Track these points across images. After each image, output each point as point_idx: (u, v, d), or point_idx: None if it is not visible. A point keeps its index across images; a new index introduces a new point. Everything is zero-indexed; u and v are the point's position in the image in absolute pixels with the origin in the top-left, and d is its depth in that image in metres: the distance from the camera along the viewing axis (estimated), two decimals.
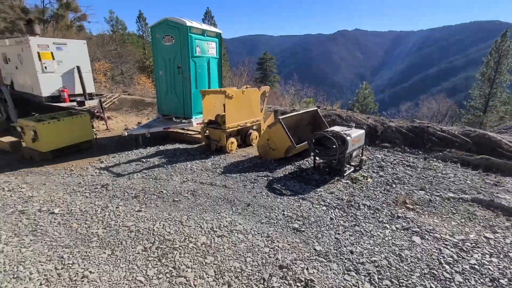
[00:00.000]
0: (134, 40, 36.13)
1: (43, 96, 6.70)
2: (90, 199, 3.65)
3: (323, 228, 3.05)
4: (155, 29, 6.52)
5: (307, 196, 3.79)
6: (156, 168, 4.78)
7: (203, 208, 3.43)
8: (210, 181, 4.24)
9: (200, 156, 5.45)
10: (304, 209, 3.45)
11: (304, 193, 3.89)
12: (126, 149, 5.89)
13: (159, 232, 2.89)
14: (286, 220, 3.20)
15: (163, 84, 6.83)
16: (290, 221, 3.16)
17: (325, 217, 3.28)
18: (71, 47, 7.02)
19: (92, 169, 4.74)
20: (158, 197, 3.73)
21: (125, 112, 10.48)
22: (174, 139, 6.81)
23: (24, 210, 3.36)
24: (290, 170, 4.76)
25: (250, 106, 6.13)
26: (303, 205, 3.54)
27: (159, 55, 6.67)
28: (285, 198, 3.71)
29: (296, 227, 3.04)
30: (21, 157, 5.35)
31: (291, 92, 22.87)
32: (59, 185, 4.10)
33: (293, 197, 3.75)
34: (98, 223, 3.06)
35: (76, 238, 2.80)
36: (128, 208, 3.40)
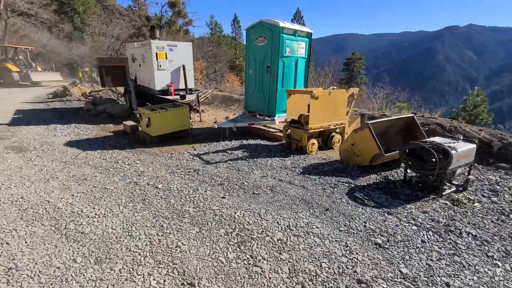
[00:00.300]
0: (228, 41, 39.34)
1: (156, 89, 8.00)
2: (185, 180, 4.20)
3: (412, 250, 2.71)
4: (250, 31, 6.94)
5: (394, 211, 3.42)
6: (239, 160, 5.12)
7: (280, 205, 3.50)
8: (288, 179, 4.29)
9: (280, 154, 5.56)
10: (389, 224, 3.13)
11: (391, 207, 3.52)
12: (215, 140, 6.50)
13: (240, 220, 3.10)
14: (368, 232, 2.97)
15: (251, 82, 7.24)
16: (372, 235, 2.92)
17: (415, 238, 2.90)
18: (180, 48, 8.14)
19: (187, 155, 5.43)
20: (240, 187, 3.99)
21: (216, 106, 11.56)
22: (257, 134, 7.14)
23: (138, 182, 4.11)
24: (375, 180, 4.38)
25: (336, 108, 5.89)
26: (389, 220, 3.21)
27: (251, 55, 7.09)
28: (367, 209, 3.45)
29: (379, 243, 2.79)
30: (137, 138, 6.55)
31: (380, 96, 20.88)
32: (162, 165, 4.86)
33: (377, 210, 3.45)
34: (190, 202, 3.49)
35: (173, 212, 3.27)
36: (214, 194, 3.76)
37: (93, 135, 6.78)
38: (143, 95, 9.04)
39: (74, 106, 10.73)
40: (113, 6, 40.75)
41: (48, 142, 5.99)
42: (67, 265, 2.37)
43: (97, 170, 4.57)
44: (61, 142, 6.04)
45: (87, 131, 7.16)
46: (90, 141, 6.27)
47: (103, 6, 36.90)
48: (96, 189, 3.86)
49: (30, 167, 4.59)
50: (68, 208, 3.32)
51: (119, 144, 6.07)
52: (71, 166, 4.71)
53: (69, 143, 6.00)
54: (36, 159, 4.97)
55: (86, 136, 6.64)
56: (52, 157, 5.12)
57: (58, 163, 4.83)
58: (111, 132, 7.17)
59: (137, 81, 9.33)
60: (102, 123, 8.05)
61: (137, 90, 9.09)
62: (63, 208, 3.34)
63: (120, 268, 2.35)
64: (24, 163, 4.79)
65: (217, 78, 29.54)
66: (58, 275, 2.26)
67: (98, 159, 5.09)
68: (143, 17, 27.70)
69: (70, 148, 5.69)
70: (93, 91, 14.01)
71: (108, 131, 7.29)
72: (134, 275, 2.27)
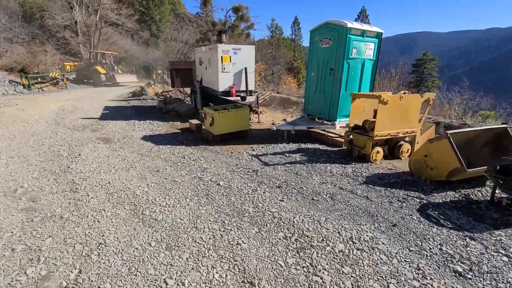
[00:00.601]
0: (287, 43, 39.38)
1: (219, 90, 8.46)
2: (244, 180, 4.33)
3: (502, 285, 2.30)
4: (315, 32, 6.81)
5: (478, 236, 2.96)
6: (298, 164, 5.06)
7: (341, 214, 3.34)
8: (350, 188, 4.07)
9: (340, 160, 5.33)
10: (472, 251, 2.71)
11: (474, 231, 3.05)
12: (273, 141, 6.56)
13: (299, 225, 3.06)
14: (444, 257, 2.62)
15: (313, 85, 7.10)
16: (450, 260, 2.58)
17: (507, 271, 2.46)
18: (244, 51, 8.46)
19: (246, 155, 5.59)
20: (298, 192, 3.95)
21: (273, 108, 11.67)
22: (315, 138, 6.97)
23: (201, 177, 4.40)
24: (453, 198, 3.86)
25: (406, 115, 5.38)
26: (472, 246, 2.79)
27: (314, 57, 6.96)
28: (444, 230, 3.05)
29: (459, 270, 2.44)
30: (201, 136, 7.02)
31: (456, 101, 18.30)
32: (223, 163, 5.10)
33: (456, 232, 3.03)
34: (249, 202, 3.59)
35: (233, 210, 3.40)
36: (273, 196, 3.79)
37: (163, 131, 7.50)
38: (207, 96, 9.65)
39: (149, 105, 12.04)
40: (184, 14, 44.53)
41: (128, 136, 6.85)
42: (144, 247, 2.66)
43: (167, 163, 5.03)
44: (139, 136, 6.84)
45: (159, 127, 7.95)
46: (161, 136, 6.95)
47: (176, 14, 40.61)
48: (166, 180, 4.25)
49: (114, 157, 5.31)
50: (144, 196, 3.73)
51: (185, 141, 6.59)
52: (146, 158, 5.29)
53: (145, 138, 6.75)
54: (119, 150, 5.72)
55: (158, 132, 7.38)
56: (132, 149, 5.83)
57: (136, 154, 5.47)
58: (179, 129, 7.83)
59: (203, 83, 9.99)
60: (171, 121, 8.85)
61: (202, 91, 9.75)
62: (140, 195, 3.76)
63: (187, 256, 2.54)
64: (110, 152, 5.55)
65: (274, 80, 29.82)
66: (136, 255, 2.55)
67: (168, 153, 5.61)
68: (209, 23, 29.61)
69: (145, 142, 6.39)
70: (164, 91, 15.52)
71: (176, 128, 7.98)
72: (199, 266, 2.42)
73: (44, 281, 2.26)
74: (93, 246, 2.68)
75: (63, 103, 11.54)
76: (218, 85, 8.43)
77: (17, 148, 5.68)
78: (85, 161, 5.02)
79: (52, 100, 12.33)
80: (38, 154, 5.37)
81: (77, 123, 8.12)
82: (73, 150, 5.62)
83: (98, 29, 24.77)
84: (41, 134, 6.73)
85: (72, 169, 4.66)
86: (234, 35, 28.48)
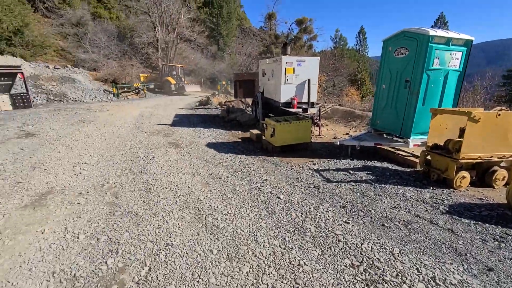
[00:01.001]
0: (351, 54, 37.89)
1: (281, 102, 8.47)
2: (305, 195, 4.15)
3: None
4: (388, 42, 6.33)
5: None
6: (364, 183, 4.66)
7: (419, 247, 2.90)
8: (429, 217, 3.54)
9: (415, 183, 4.72)
10: None
11: None
12: (335, 156, 6.22)
13: (367, 253, 2.75)
14: None
15: (383, 98, 6.56)
16: None
17: None
18: (308, 63, 8.35)
19: (307, 169, 5.40)
20: (365, 214, 3.59)
21: (335, 121, 11.19)
22: (383, 156, 6.37)
23: (261, 188, 4.38)
24: None
25: (504, 135, 4.51)
26: None
27: (386, 68, 6.45)
28: None
29: None
30: (261, 146, 7.09)
31: None
32: (283, 176, 5.01)
33: None
34: (311, 220, 3.40)
35: (294, 227, 3.26)
36: (337, 216, 3.52)
37: (225, 139, 7.82)
38: (268, 107, 9.78)
39: (213, 113, 12.80)
40: (249, 28, 46.85)
41: (194, 142, 7.33)
42: (206, 254, 2.72)
43: (229, 171, 5.18)
44: (203, 143, 7.26)
45: (221, 135, 8.33)
46: (223, 144, 7.25)
47: (241, 29, 42.99)
48: (227, 188, 4.36)
49: (182, 161, 5.71)
50: (207, 202, 3.88)
51: (245, 150, 6.73)
52: (210, 164, 5.54)
53: (209, 145, 7.13)
54: (186, 155, 6.14)
55: (221, 140, 7.72)
56: (197, 155, 6.20)
57: (200, 160, 5.79)
58: (239, 138, 8.06)
59: (264, 94, 10.18)
60: (233, 129, 9.20)
61: (263, 102, 9.92)
62: (203, 201, 3.92)
63: (247, 270, 2.49)
64: (179, 157, 6.00)
65: (335, 91, 28.84)
66: (199, 261, 2.61)
67: (229, 161, 5.79)
68: (272, 36, 30.47)
69: (209, 149, 6.74)
70: (227, 101, 16.37)
71: (237, 137, 8.25)
72: (259, 283, 2.35)
73: (120, 273, 2.47)
74: (162, 245, 2.85)
75: (143, 110, 13.09)
76: (279, 96, 8.46)
77: (106, 148, 6.58)
78: (157, 163, 5.51)
79: (134, 107, 14.12)
80: (121, 154, 6.12)
81: (153, 128, 9.06)
82: (149, 153, 6.25)
83: (174, 44, 27.76)
84: (124, 137, 7.70)
85: (147, 170, 5.16)
86: (296, 47, 28.65)
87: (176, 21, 28.34)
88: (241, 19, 47.39)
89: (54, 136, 7.53)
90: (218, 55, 33.15)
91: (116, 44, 25.74)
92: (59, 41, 23.02)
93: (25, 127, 8.66)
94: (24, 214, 3.49)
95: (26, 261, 2.61)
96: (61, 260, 2.62)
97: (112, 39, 25.45)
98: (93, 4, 27.71)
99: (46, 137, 7.40)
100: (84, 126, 8.99)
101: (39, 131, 8.13)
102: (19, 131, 8.15)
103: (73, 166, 5.27)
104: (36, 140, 7.09)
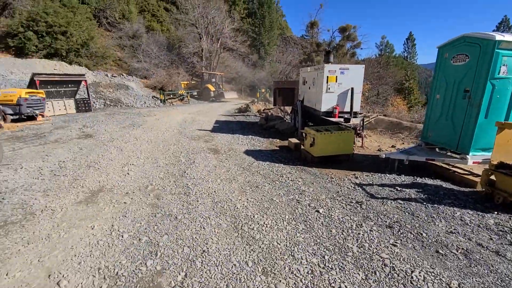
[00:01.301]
0: (399, 62, 35.79)
1: (321, 111, 8.23)
2: (346, 211, 3.90)
3: None
4: (445, 48, 5.79)
5: None
6: (413, 202, 4.24)
7: (483, 282, 2.50)
8: (494, 247, 3.06)
9: (475, 205, 4.16)
10: None
11: None
12: (379, 170, 5.80)
13: (419, 283, 2.45)
14: None
15: (437, 109, 5.98)
16: None
17: None
18: (352, 71, 8.02)
19: (348, 182, 5.10)
20: (416, 238, 3.24)
21: (379, 132, 10.53)
22: (435, 173, 5.77)
23: (299, 200, 4.23)
24: None
25: None
26: None
27: (441, 76, 5.89)
28: None
29: None
30: (299, 155, 6.92)
31: None
32: (323, 188, 4.79)
33: None
34: (353, 239, 3.16)
35: (334, 244, 3.05)
36: (382, 237, 3.23)
37: (263, 147, 7.80)
38: (308, 115, 9.57)
39: (251, 121, 12.94)
40: (290, 37, 47.02)
41: (233, 149, 7.43)
42: (241, 266, 2.66)
43: (266, 180, 5.11)
44: (241, 150, 7.32)
45: (259, 142, 8.34)
46: (261, 152, 7.23)
47: (282, 38, 43.33)
48: (264, 198, 4.29)
49: (221, 167, 5.80)
50: (243, 210, 3.84)
51: (283, 159, 6.61)
52: (247, 172, 5.54)
53: (247, 152, 7.17)
54: (225, 161, 6.23)
55: (259, 147, 7.72)
56: (235, 161, 6.25)
57: (238, 167, 5.82)
58: (277, 146, 7.98)
59: (304, 102, 10.00)
60: (271, 137, 9.16)
61: (303, 110, 9.74)
62: (240, 209, 3.90)
63: None
64: (217, 163, 6.11)
65: (379, 101, 27.34)
66: (234, 273, 2.56)
67: (267, 170, 5.73)
68: (314, 44, 30.13)
69: (247, 156, 6.77)
70: (266, 109, 16.46)
71: (275, 145, 8.18)
72: None
73: (158, 276, 2.52)
74: (198, 252, 2.87)
75: (186, 116, 13.75)
76: (320, 105, 8.23)
77: (151, 150, 6.99)
78: (197, 168, 5.67)
79: (178, 113, 14.92)
80: (164, 157, 6.44)
81: (194, 133, 9.43)
82: (190, 157, 6.47)
83: (217, 54, 28.95)
84: (168, 141, 8.12)
85: (187, 174, 5.33)
86: (339, 54, 27.92)
87: (220, 31, 29.61)
88: (283, 28, 47.82)
89: (108, 138, 8.23)
90: (258, 64, 33.74)
91: (166, 54, 27.67)
92: (117, 52, 25.49)
93: (85, 128, 9.63)
94: (78, 209, 3.81)
95: (76, 254, 2.81)
96: (106, 257, 2.78)
97: (162, 50, 27.43)
98: (148, 18, 30.25)
99: (101, 139, 8.12)
100: (134, 129, 9.70)
101: (95, 133, 8.97)
102: (79, 132, 9.08)
103: (122, 167, 5.67)
104: (92, 141, 7.81)
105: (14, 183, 4.72)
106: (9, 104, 10.39)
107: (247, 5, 41.04)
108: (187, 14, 28.31)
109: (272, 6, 36.38)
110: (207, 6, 28.29)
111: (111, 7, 26.00)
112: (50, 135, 8.52)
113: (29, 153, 6.52)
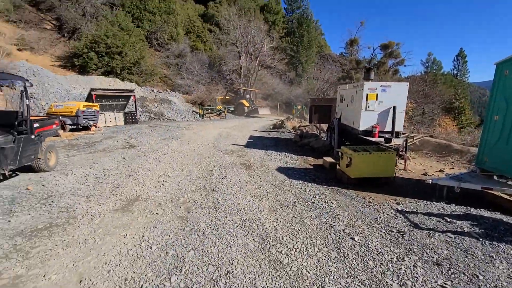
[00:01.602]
0: (447, 79, 33.30)
1: (360, 130, 7.83)
2: (386, 241, 3.53)
3: None
4: (504, 65, 5.20)
5: None
6: (466, 237, 3.70)
7: None
8: None
9: None
10: None
11: None
12: (425, 197, 5.24)
13: None
14: None
15: (495, 131, 5.31)
16: None
17: None
18: (394, 89, 7.58)
19: (388, 208, 4.67)
20: (470, 280, 2.78)
21: (425, 155, 9.67)
22: (493, 204, 5.05)
23: (333, 225, 3.95)
24: None
25: None
26: None
27: (499, 96, 5.27)
28: None
29: None
30: (334, 176, 6.59)
31: None
32: (359, 213, 4.44)
33: None
34: (393, 275, 2.81)
35: (371, 279, 2.74)
36: (428, 275, 2.83)
37: (297, 165, 7.59)
38: (345, 134, 9.18)
39: (286, 137, 12.81)
40: (328, 54, 46.72)
41: (265, 165, 7.35)
42: None
43: (298, 200, 4.91)
44: (274, 167, 7.20)
45: (292, 160, 8.15)
46: (294, 170, 7.03)
47: (321, 55, 43.21)
48: (295, 219, 4.09)
49: (252, 183, 5.73)
50: (272, 231, 3.69)
51: (317, 178, 6.34)
52: (278, 190, 5.39)
53: (279, 169, 7.03)
54: (256, 177, 6.16)
55: (292, 165, 7.54)
56: (266, 178, 6.15)
57: (269, 185, 5.70)
58: (311, 165, 7.71)
59: (341, 120, 9.64)
60: (305, 155, 8.91)
61: (340, 128, 9.38)
62: (268, 229, 3.75)
63: None
64: (249, 179, 6.06)
65: (424, 121, 25.46)
66: None
67: (299, 189, 5.52)
68: (353, 61, 29.49)
69: (279, 173, 6.62)
70: (301, 126, 16.24)
71: (309, 163, 7.92)
72: None
73: None
74: (223, 272, 2.77)
75: (221, 130, 14.12)
76: (359, 124, 7.85)
77: (186, 163, 7.20)
78: (228, 183, 5.67)
79: (215, 127, 15.40)
80: (198, 170, 6.58)
81: (228, 148, 9.58)
82: (222, 172, 6.53)
83: (255, 71, 29.74)
84: (202, 154, 8.33)
85: (218, 188, 5.35)
86: (380, 72, 26.88)
87: (259, 50, 30.52)
88: (321, 46, 47.79)
89: (148, 149, 8.71)
90: (295, 81, 33.87)
91: (207, 71, 29.20)
92: (163, 70, 27.54)
93: (129, 139, 10.35)
94: (114, 216, 3.99)
95: (107, 262, 2.89)
96: (134, 268, 2.82)
97: (204, 67, 29.01)
98: (193, 38, 32.43)
99: (142, 149, 8.63)
100: (172, 142, 10.17)
101: (138, 144, 9.58)
102: (124, 142, 9.77)
103: (158, 178, 5.90)
104: (134, 151, 8.33)
105: (64, 187, 5.14)
106: (69, 115, 11.66)
107: (287, 24, 42.04)
108: (228, 34, 29.79)
109: (311, 25, 36.75)
110: (248, 27, 29.51)
111: (161, 29, 28.42)
112: (99, 144, 9.29)
113: (80, 160, 7.14)
